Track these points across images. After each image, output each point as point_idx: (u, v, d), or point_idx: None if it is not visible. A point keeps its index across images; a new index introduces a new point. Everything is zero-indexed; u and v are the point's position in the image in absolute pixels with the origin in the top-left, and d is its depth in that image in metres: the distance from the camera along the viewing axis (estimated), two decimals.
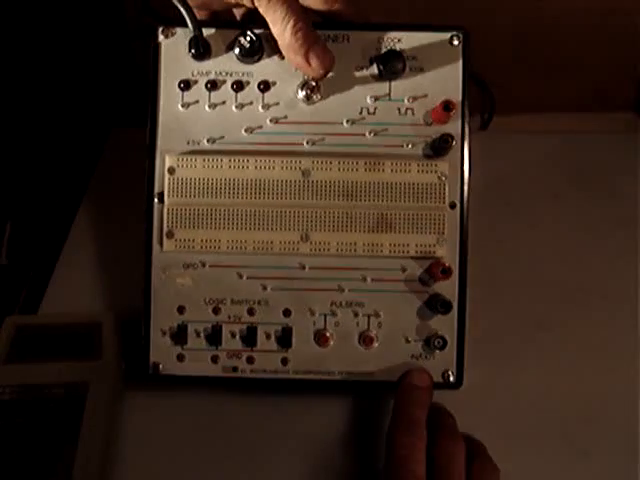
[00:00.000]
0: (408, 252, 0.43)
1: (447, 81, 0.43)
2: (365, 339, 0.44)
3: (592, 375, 0.48)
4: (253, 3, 0.40)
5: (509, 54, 0.65)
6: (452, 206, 0.43)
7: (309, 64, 0.40)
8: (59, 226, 0.55)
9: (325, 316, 0.44)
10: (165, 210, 0.43)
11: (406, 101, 0.43)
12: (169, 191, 0.43)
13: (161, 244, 0.43)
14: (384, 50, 0.43)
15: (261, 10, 0.40)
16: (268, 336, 0.44)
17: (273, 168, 0.42)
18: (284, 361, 0.44)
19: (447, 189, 0.43)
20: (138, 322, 0.44)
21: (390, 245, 0.43)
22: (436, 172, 0.43)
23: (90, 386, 0.42)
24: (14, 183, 0.56)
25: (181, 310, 0.44)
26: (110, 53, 0.60)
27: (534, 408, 0.46)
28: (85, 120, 0.61)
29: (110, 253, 0.54)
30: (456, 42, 0.43)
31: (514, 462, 0.40)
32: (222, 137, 0.43)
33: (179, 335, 0.44)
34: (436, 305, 0.43)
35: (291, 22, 0.39)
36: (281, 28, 0.40)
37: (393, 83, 0.43)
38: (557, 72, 0.66)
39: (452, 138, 0.42)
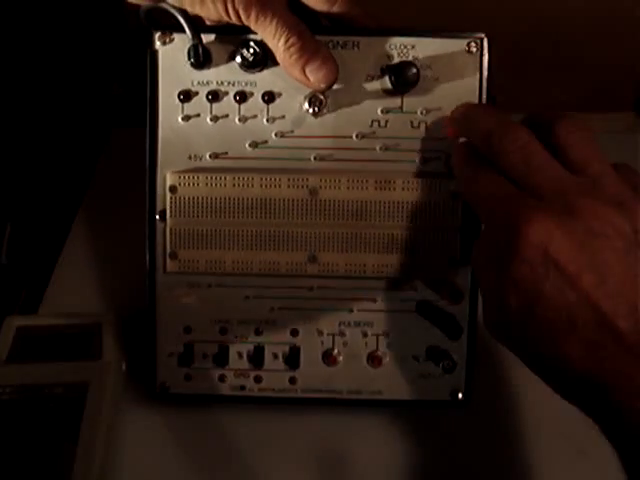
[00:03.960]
0: (419, 273, 0.36)
1: (463, 93, 0.35)
2: (374, 359, 0.37)
3: None
4: (241, 21, 0.32)
5: (509, 54, 0.57)
6: (464, 223, 0.36)
7: (308, 79, 0.33)
8: (59, 226, 0.50)
9: (333, 336, 0.37)
10: (168, 230, 0.36)
11: (419, 114, 0.35)
12: (171, 211, 0.36)
13: (164, 264, 0.36)
14: (396, 58, 0.35)
15: (252, 27, 0.32)
16: (275, 356, 0.37)
17: (279, 186, 0.35)
18: (292, 380, 0.38)
19: (460, 208, 0.36)
20: (139, 322, 0.38)
21: (400, 266, 0.36)
22: (449, 190, 0.35)
23: (90, 386, 0.37)
24: (14, 183, 0.49)
25: (187, 330, 0.37)
26: (110, 53, 0.52)
27: (534, 408, 0.41)
28: (85, 120, 0.54)
29: (110, 253, 0.48)
30: (474, 49, 0.35)
31: (514, 462, 0.36)
32: (225, 152, 0.36)
33: (186, 355, 0.37)
34: (447, 329, 0.36)
35: (282, 38, 0.32)
36: (273, 44, 0.33)
37: (406, 94, 0.35)
38: (557, 72, 0.59)
39: None
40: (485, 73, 0.35)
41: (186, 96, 0.35)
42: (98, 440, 0.35)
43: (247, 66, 0.34)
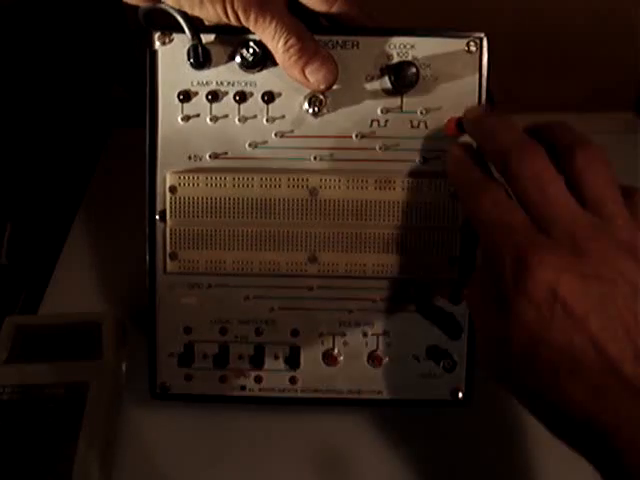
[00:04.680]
0: (419, 273, 0.35)
1: (463, 92, 0.34)
2: (374, 358, 0.36)
3: None
4: (240, 22, 0.31)
5: (509, 54, 0.56)
6: (465, 222, 0.35)
7: (308, 80, 0.32)
8: (59, 226, 0.49)
9: (334, 336, 0.36)
10: (168, 231, 0.35)
11: (419, 113, 0.34)
12: (171, 211, 0.35)
13: (164, 265, 0.35)
14: (396, 58, 0.34)
15: (251, 28, 0.32)
16: (276, 356, 0.36)
17: (279, 186, 0.34)
18: (292, 380, 0.37)
19: (459, 208, 0.35)
20: (139, 322, 0.38)
21: (401, 266, 0.35)
22: (449, 190, 0.34)
23: (90, 386, 0.37)
24: (14, 183, 0.49)
25: (187, 330, 0.36)
26: (110, 53, 0.51)
27: None
28: (85, 120, 0.53)
29: (110, 253, 0.47)
30: (473, 49, 0.34)
31: (515, 461, 0.35)
32: (225, 153, 0.35)
33: (186, 356, 0.36)
34: (447, 329, 0.35)
35: (282, 40, 0.31)
36: (273, 46, 0.32)
37: (405, 94, 0.34)
38: (557, 72, 0.58)
39: None
40: (485, 73, 0.34)
41: (186, 96, 0.34)
42: (98, 440, 0.35)
43: (247, 66, 0.33)
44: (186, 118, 0.34)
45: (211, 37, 0.34)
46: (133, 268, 0.37)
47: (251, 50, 0.33)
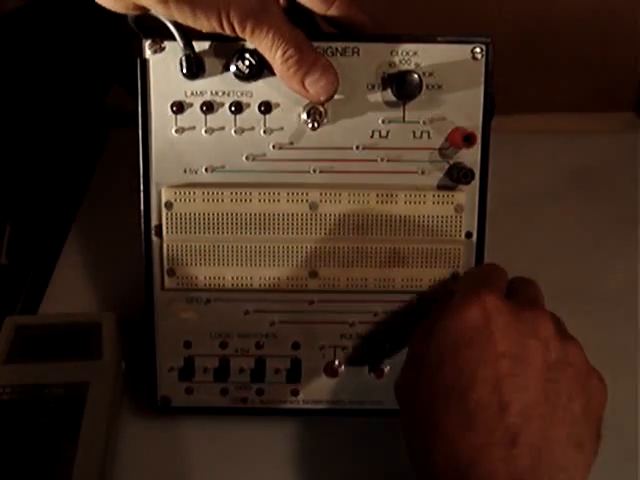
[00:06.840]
0: (421, 287, 0.32)
1: (467, 101, 0.30)
2: (376, 370, 0.33)
3: None
4: (236, 34, 0.27)
5: (509, 54, 0.52)
6: (468, 235, 0.32)
7: (307, 91, 0.28)
8: (59, 226, 0.46)
9: (335, 348, 0.33)
10: (165, 247, 0.32)
11: (422, 123, 0.31)
12: (167, 227, 0.31)
13: (162, 281, 0.32)
14: (398, 65, 0.30)
15: (247, 39, 0.28)
16: (277, 369, 0.33)
17: (278, 201, 0.31)
18: (294, 392, 0.34)
19: (463, 221, 0.31)
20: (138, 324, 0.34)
21: (402, 280, 0.32)
22: (452, 203, 0.31)
23: (90, 386, 0.34)
24: (14, 183, 0.45)
25: (187, 345, 0.33)
26: (109, 53, 0.48)
27: None
28: (85, 121, 0.50)
29: (110, 253, 0.44)
30: (479, 56, 0.30)
31: None
32: (222, 166, 0.31)
33: (186, 370, 0.33)
34: None
35: (280, 51, 0.27)
36: (270, 57, 0.28)
37: (408, 103, 0.30)
38: (557, 72, 0.53)
39: (472, 173, 0.30)
40: (491, 80, 0.30)
41: (179, 107, 0.30)
42: (98, 440, 0.32)
43: (242, 77, 0.29)
44: (180, 130, 0.31)
45: (205, 45, 0.30)
46: (133, 268, 0.33)
47: (247, 62, 0.29)
